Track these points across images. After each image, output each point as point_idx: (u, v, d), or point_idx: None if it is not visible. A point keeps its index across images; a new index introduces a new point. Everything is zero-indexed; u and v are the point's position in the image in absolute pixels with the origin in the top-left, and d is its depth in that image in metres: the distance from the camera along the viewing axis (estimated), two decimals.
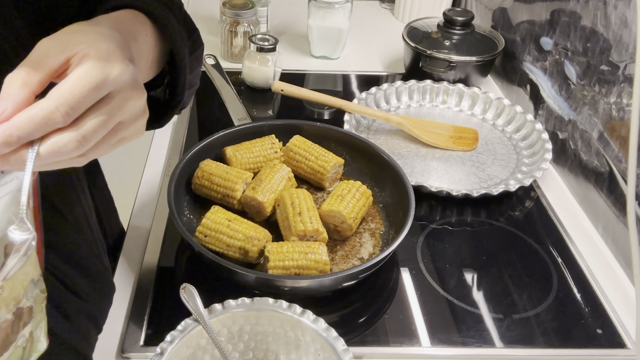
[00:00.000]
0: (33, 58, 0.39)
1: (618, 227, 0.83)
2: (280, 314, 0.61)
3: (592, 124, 0.90)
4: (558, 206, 0.92)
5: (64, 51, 0.40)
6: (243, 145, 0.88)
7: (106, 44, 0.41)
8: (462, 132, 1.05)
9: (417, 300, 0.75)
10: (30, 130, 0.37)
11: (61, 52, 0.40)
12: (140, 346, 0.66)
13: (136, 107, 0.43)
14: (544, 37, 1.05)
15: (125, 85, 0.41)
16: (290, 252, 0.71)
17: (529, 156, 1.00)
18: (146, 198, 0.89)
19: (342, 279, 0.69)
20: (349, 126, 1.00)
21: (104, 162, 0.77)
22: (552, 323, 0.73)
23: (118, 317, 0.70)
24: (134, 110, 0.43)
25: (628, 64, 0.81)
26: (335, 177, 0.90)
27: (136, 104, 0.43)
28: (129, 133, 0.44)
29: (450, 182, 0.94)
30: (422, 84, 1.14)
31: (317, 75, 1.26)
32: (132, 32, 0.49)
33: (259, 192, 0.80)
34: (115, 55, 0.41)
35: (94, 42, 0.41)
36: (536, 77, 1.09)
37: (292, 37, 1.40)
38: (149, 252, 0.79)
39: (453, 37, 1.16)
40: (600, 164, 0.87)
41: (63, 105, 0.37)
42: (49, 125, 0.38)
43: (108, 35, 0.43)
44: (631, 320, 0.74)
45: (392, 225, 0.82)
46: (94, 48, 0.40)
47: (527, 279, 0.79)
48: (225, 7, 1.21)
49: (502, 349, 0.70)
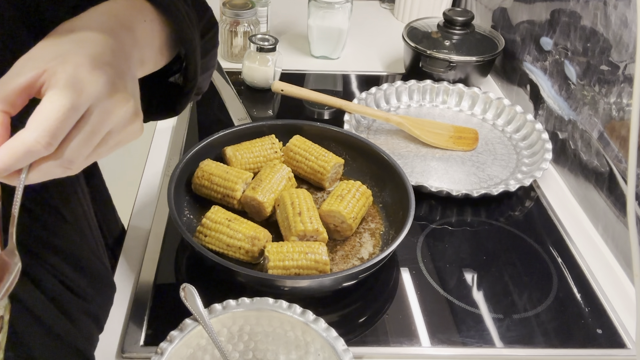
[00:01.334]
0: (3, 77, 0.39)
1: (618, 227, 0.83)
2: (280, 314, 0.61)
3: (592, 124, 0.90)
4: (558, 206, 0.92)
5: (33, 68, 0.39)
6: (243, 145, 0.88)
7: (75, 57, 0.39)
8: (462, 132, 1.05)
9: (417, 300, 0.75)
10: (13, 163, 0.37)
11: (30, 69, 0.39)
12: (140, 346, 0.66)
13: (123, 113, 0.42)
14: (544, 37, 1.05)
15: (101, 96, 0.40)
16: (290, 252, 0.71)
17: (529, 156, 1.00)
18: (146, 198, 0.89)
19: (342, 279, 0.69)
20: (349, 126, 1.00)
21: (104, 162, 0.76)
22: (552, 323, 0.73)
23: (118, 317, 0.70)
24: (120, 117, 0.42)
25: (628, 64, 0.81)
26: (335, 177, 0.90)
27: (121, 111, 0.42)
28: (122, 138, 0.43)
29: (450, 182, 0.94)
30: (422, 84, 1.14)
31: (317, 75, 1.26)
32: (125, 23, 0.47)
33: (259, 192, 0.80)
34: (84, 68, 0.39)
35: (64, 56, 0.39)
36: (536, 77, 1.09)
37: (292, 37, 1.40)
38: (149, 252, 0.79)
39: (453, 37, 1.16)
40: (600, 164, 0.87)
41: (43, 137, 0.37)
42: (33, 156, 0.37)
43: (85, 41, 0.41)
44: (631, 320, 0.74)
45: (392, 225, 0.82)
46: (62, 65, 0.39)
47: (527, 279, 0.79)
48: (225, 7, 1.21)
49: (502, 349, 0.70)
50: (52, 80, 0.38)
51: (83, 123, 0.39)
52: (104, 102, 0.40)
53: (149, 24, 0.51)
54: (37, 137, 0.36)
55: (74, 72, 0.39)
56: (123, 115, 0.42)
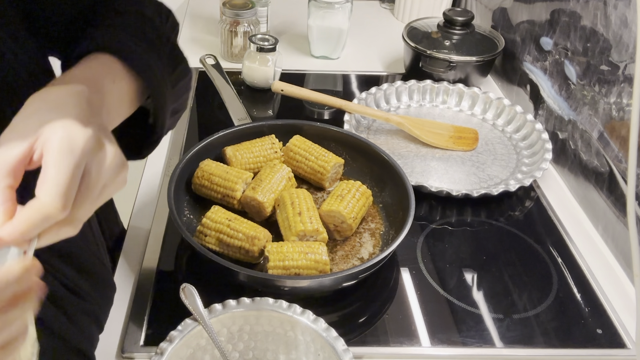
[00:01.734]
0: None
1: (618, 227, 0.83)
2: (280, 314, 0.61)
3: (592, 124, 0.90)
4: (558, 206, 0.92)
5: (25, 138, 0.39)
6: (243, 145, 0.88)
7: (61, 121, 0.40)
8: (462, 132, 1.05)
9: (417, 300, 0.75)
10: (31, 231, 0.38)
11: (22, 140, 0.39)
12: (140, 346, 0.66)
13: (114, 164, 0.43)
14: (544, 37, 1.05)
15: (94, 150, 0.41)
16: (290, 252, 0.71)
17: (529, 156, 1.00)
18: (146, 198, 0.89)
19: (342, 279, 0.69)
20: (349, 126, 1.00)
21: None
22: (552, 323, 0.73)
23: (118, 317, 0.70)
24: (112, 167, 0.43)
25: (628, 64, 0.81)
26: (335, 177, 0.90)
27: (113, 162, 0.43)
28: (113, 189, 0.44)
29: (450, 182, 0.94)
30: (422, 84, 1.14)
31: (317, 75, 1.26)
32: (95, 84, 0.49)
33: (259, 192, 0.80)
34: (73, 129, 0.40)
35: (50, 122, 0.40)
36: (536, 77, 1.09)
37: (292, 37, 1.40)
38: (149, 252, 0.79)
39: (453, 37, 1.16)
40: (600, 164, 0.87)
41: (58, 201, 0.38)
42: (50, 222, 0.38)
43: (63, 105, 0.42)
44: (631, 320, 0.74)
45: (392, 225, 0.82)
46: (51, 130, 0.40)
47: (527, 279, 0.79)
48: (225, 7, 1.21)
49: (502, 349, 0.70)
50: (46, 146, 0.39)
51: (86, 180, 0.40)
52: (98, 155, 0.41)
53: (117, 85, 0.52)
54: (52, 202, 0.37)
55: (66, 134, 0.39)
56: (114, 166, 0.43)
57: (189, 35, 1.39)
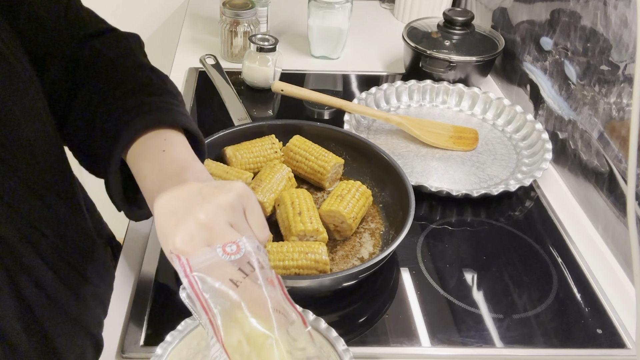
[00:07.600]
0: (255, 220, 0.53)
1: (618, 227, 0.83)
2: None
3: (592, 124, 0.90)
4: (558, 206, 0.92)
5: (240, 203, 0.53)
6: (243, 145, 0.88)
7: (227, 184, 0.53)
8: (462, 132, 1.05)
9: (417, 300, 0.75)
10: (263, 242, 0.53)
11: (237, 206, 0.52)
12: (140, 346, 0.66)
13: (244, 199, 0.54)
14: (544, 37, 1.05)
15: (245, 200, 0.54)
16: (290, 252, 0.71)
17: (529, 156, 1.00)
18: None
19: (342, 279, 0.69)
20: (349, 126, 1.00)
21: None
22: (552, 323, 0.73)
23: (118, 317, 0.70)
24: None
25: (628, 64, 0.81)
26: (335, 177, 0.90)
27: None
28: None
29: (450, 182, 0.94)
30: (422, 84, 1.14)
31: (317, 75, 1.26)
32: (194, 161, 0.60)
33: (259, 192, 0.80)
34: (231, 184, 0.52)
35: (225, 185, 0.53)
36: (536, 77, 1.09)
37: (292, 37, 1.40)
38: (149, 252, 0.79)
39: (453, 37, 1.16)
40: (600, 164, 0.87)
41: (267, 233, 0.54)
42: (265, 242, 0.54)
43: (208, 179, 0.57)
44: (631, 320, 0.74)
45: (392, 225, 0.82)
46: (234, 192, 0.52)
47: (527, 279, 0.79)
48: (225, 7, 1.21)
49: (502, 349, 0.70)
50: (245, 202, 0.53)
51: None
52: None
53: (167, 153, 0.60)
54: (267, 233, 0.54)
55: (240, 188, 0.52)
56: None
57: (189, 35, 1.39)
